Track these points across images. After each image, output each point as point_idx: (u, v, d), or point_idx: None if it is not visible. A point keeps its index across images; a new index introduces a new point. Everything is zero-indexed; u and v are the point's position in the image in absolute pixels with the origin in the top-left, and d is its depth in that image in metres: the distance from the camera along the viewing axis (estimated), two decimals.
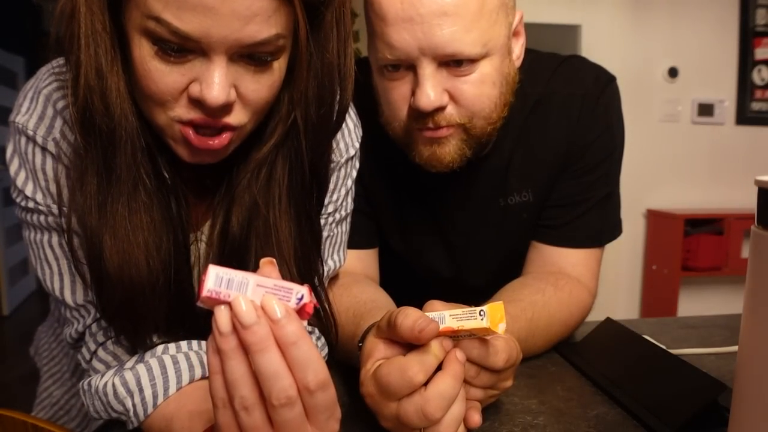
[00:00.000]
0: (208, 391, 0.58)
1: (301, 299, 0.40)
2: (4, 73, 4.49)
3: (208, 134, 0.55)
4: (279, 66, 0.56)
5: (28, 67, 4.85)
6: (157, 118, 0.55)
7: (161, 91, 0.52)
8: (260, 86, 0.55)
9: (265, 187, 0.62)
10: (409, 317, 0.50)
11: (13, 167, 0.60)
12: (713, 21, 3.43)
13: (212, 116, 0.54)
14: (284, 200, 0.62)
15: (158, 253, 0.58)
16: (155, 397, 0.57)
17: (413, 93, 0.73)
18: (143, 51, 0.51)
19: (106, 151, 0.54)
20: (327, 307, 0.68)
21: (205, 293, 0.38)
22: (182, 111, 0.54)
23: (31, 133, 0.58)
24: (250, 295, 0.39)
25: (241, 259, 0.62)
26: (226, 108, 0.54)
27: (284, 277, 0.62)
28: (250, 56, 0.52)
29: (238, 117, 0.55)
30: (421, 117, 0.74)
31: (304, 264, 0.64)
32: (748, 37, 3.45)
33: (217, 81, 0.51)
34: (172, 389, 0.58)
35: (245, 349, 0.39)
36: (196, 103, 0.53)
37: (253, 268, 0.61)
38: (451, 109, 0.74)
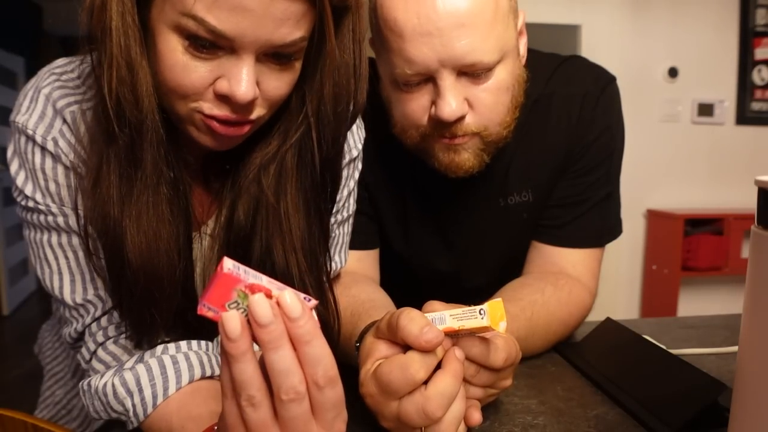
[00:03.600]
0: (208, 391, 0.58)
1: (308, 300, 0.41)
2: (4, 73, 4.50)
3: (230, 124, 0.57)
4: (299, 65, 0.58)
5: (28, 67, 4.85)
6: (179, 109, 0.56)
7: (187, 85, 0.53)
8: (281, 83, 0.57)
9: (275, 180, 0.63)
10: (415, 322, 0.50)
11: (13, 167, 0.61)
12: (713, 21, 3.43)
13: (237, 112, 0.56)
14: (293, 193, 0.63)
15: (176, 244, 0.59)
16: (155, 397, 0.57)
17: (433, 104, 0.74)
18: (172, 45, 0.52)
19: (134, 143, 0.55)
20: (333, 304, 0.69)
21: (225, 270, 0.38)
22: (207, 106, 0.55)
23: (30, 132, 0.58)
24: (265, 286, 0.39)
25: (247, 248, 0.63)
26: (250, 104, 0.55)
27: (291, 269, 0.63)
28: (274, 55, 0.54)
29: (258, 112, 0.57)
30: (440, 126, 0.75)
31: (311, 257, 0.65)
32: (748, 37, 3.45)
33: (245, 78, 0.53)
34: (172, 389, 0.58)
35: (260, 345, 0.39)
36: (223, 98, 0.54)
37: (259, 255, 0.63)
38: (468, 119, 0.75)
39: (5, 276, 4.34)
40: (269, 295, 0.39)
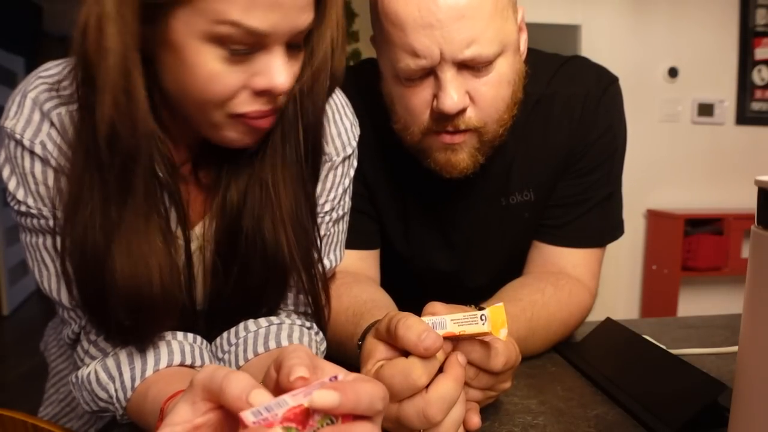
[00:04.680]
0: (188, 375, 0.58)
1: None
2: (4, 73, 4.49)
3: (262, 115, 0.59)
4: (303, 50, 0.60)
5: (28, 67, 4.85)
6: (214, 118, 0.57)
7: (225, 91, 0.55)
8: (295, 70, 0.60)
9: (265, 154, 0.64)
10: (412, 330, 0.50)
11: (5, 172, 0.61)
12: (713, 21, 3.43)
13: (270, 104, 0.58)
14: (281, 166, 0.65)
15: (170, 269, 0.59)
16: (133, 380, 0.58)
17: (435, 97, 0.74)
18: (207, 57, 0.52)
19: (126, 170, 0.55)
20: (320, 279, 0.69)
21: (251, 424, 0.34)
22: (240, 105, 0.56)
23: (18, 136, 0.58)
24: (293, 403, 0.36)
25: (238, 225, 0.64)
26: (285, 93, 0.58)
27: (281, 244, 0.64)
28: (290, 44, 0.57)
29: (282, 100, 0.60)
30: (441, 120, 0.75)
31: (300, 229, 0.66)
32: (748, 37, 3.44)
33: (283, 69, 0.55)
34: (149, 371, 0.58)
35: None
36: (259, 94, 0.56)
37: (250, 231, 0.63)
38: (469, 112, 0.75)
39: (5, 276, 4.34)
40: (304, 413, 0.36)
